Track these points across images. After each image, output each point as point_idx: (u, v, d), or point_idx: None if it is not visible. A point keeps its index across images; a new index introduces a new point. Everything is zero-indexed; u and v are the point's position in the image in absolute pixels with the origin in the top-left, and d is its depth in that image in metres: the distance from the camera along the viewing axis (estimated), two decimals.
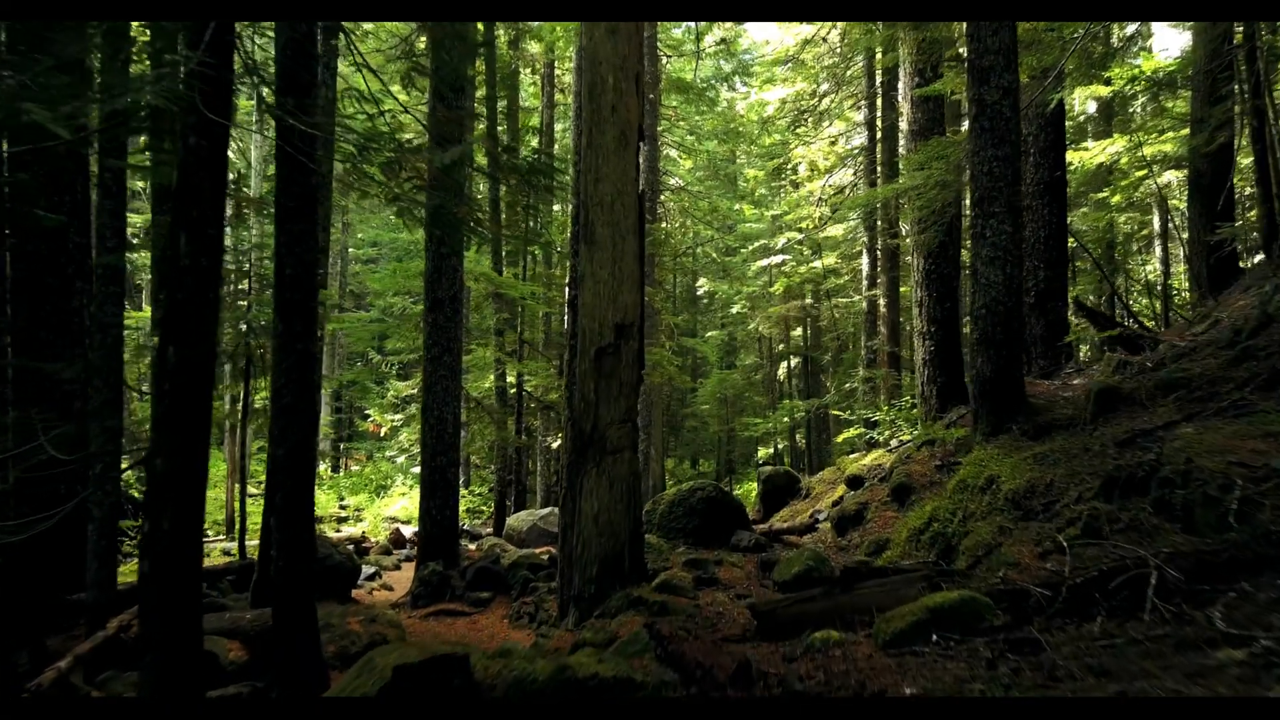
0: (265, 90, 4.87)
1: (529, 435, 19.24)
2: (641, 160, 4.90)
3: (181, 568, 3.81)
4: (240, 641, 5.07)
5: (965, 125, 9.79)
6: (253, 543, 11.65)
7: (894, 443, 8.91)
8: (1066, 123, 11.39)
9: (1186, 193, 11.60)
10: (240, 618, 5.32)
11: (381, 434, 27.51)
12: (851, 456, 10.18)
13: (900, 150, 11.48)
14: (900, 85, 9.65)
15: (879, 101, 17.78)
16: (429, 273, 8.27)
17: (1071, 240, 10.64)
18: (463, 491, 21.70)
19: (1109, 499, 4.13)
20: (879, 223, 17.87)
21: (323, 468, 32.20)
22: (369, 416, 28.00)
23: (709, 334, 31.28)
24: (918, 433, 8.21)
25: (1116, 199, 12.32)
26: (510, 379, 14.87)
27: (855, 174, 19.61)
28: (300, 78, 4.70)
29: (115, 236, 6.11)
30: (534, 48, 21.24)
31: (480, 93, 15.18)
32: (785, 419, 23.11)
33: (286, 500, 4.74)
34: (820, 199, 21.11)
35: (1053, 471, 4.49)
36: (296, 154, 4.57)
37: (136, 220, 14.29)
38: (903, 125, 9.41)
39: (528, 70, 23.50)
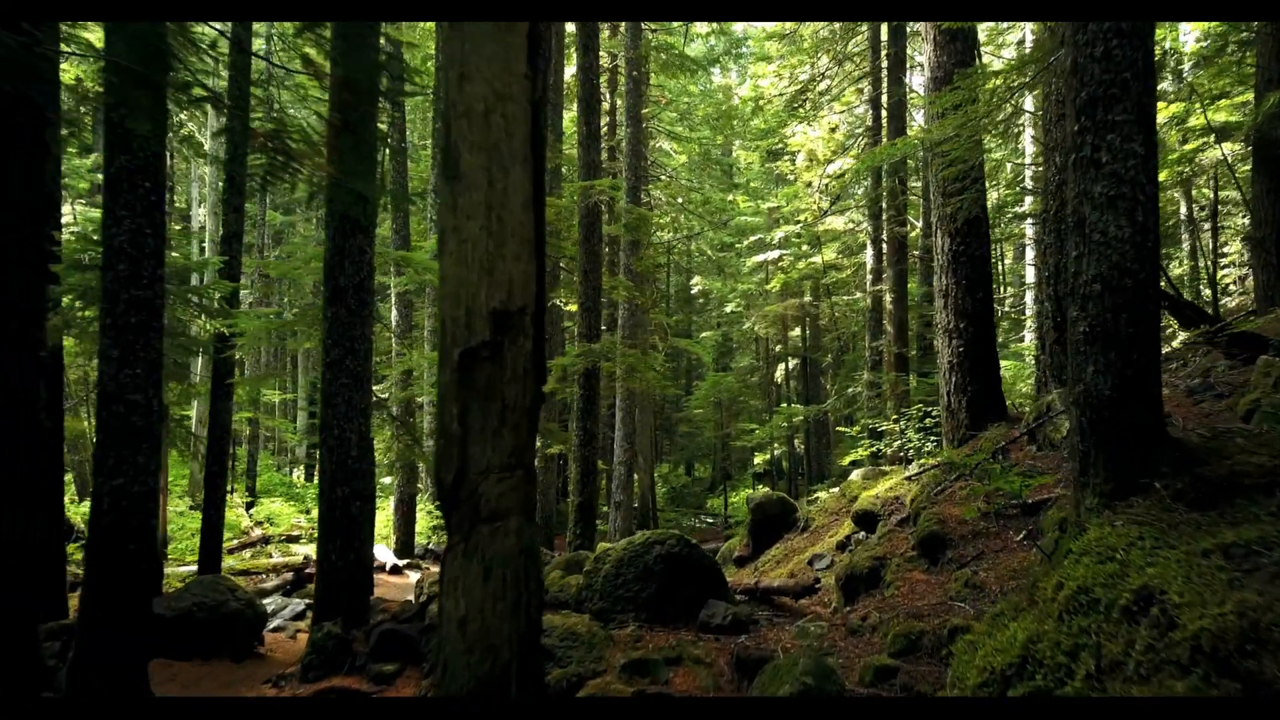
0: None
1: None
2: (624, 129, 3.25)
3: None
4: None
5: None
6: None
7: (914, 468, 7.21)
8: None
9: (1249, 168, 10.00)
10: None
11: None
12: (856, 477, 8.47)
13: (923, 103, 9.78)
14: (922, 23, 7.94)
15: (884, 77, 16.21)
16: (329, 255, 6.55)
17: None
18: (429, 507, 20.02)
19: None
20: (884, 211, 16.30)
21: (296, 475, 30.42)
22: None
23: (703, 335, 29.76)
24: (945, 455, 6.51)
25: (1164, 175, 10.69)
26: None
27: (859, 158, 18.04)
28: None
29: None
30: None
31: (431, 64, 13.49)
32: (783, 424, 21.49)
33: None
34: (819, 189, 19.58)
35: None
36: None
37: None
38: (923, 73, 7.69)
39: None
